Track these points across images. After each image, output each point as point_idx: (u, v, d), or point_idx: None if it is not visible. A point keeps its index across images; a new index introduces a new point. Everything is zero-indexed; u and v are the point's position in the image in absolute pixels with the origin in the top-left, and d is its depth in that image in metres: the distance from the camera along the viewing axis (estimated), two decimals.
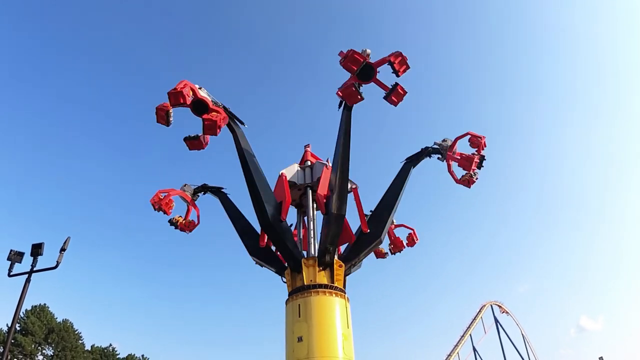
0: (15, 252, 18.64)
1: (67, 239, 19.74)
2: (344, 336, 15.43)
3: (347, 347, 15.30)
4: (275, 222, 17.54)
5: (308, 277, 16.49)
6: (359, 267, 19.77)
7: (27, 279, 18.48)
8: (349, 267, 18.07)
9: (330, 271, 16.92)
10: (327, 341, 15.09)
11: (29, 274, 18.55)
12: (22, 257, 18.62)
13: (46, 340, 68.87)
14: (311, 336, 15.05)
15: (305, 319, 15.51)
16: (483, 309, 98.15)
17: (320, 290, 16.04)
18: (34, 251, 18.72)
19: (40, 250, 18.80)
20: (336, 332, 15.33)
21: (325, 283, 16.40)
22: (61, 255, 19.29)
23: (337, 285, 16.64)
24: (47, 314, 71.17)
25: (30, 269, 18.61)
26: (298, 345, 15.08)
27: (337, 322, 15.63)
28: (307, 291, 16.02)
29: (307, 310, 15.65)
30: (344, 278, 17.33)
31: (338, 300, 16.14)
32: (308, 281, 16.35)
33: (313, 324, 15.32)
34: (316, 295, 15.90)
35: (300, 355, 14.86)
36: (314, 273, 16.59)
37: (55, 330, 69.88)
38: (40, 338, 67.59)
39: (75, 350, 70.70)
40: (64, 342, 69.70)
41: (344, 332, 15.51)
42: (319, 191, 19.43)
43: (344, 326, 15.70)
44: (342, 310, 16.02)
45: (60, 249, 19.38)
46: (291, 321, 15.95)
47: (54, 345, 69.37)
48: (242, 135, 18.71)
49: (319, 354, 14.75)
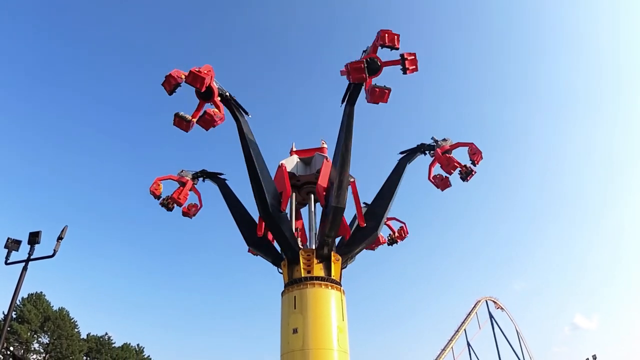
0: (12, 240, 18.63)
1: (65, 228, 19.76)
2: (339, 329, 15.54)
3: (341, 339, 15.42)
4: (275, 213, 17.51)
5: (305, 269, 16.57)
6: (353, 260, 19.88)
7: (24, 267, 18.49)
8: (345, 260, 18.17)
9: (327, 264, 17.02)
10: (322, 333, 15.22)
11: (26, 262, 18.55)
12: (19, 245, 18.61)
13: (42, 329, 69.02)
14: (306, 328, 15.17)
15: (300, 311, 15.62)
16: (478, 304, 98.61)
17: (316, 282, 16.13)
18: (31, 239, 18.72)
19: (38, 238, 18.79)
20: (331, 325, 15.45)
21: (323, 275, 16.49)
22: (58, 243, 19.30)
23: (334, 278, 16.74)
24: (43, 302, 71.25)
25: (27, 257, 18.61)
26: (293, 336, 15.20)
27: (333, 315, 15.74)
28: (304, 283, 16.11)
29: (302, 302, 15.75)
30: (340, 271, 17.45)
31: (334, 293, 16.24)
32: (305, 273, 16.44)
33: (308, 316, 15.44)
34: (312, 287, 16.00)
35: (295, 347, 14.97)
36: (311, 265, 16.68)
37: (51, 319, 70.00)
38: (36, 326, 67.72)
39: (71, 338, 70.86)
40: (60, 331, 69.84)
41: (339, 324, 15.63)
42: (320, 183, 19.41)
43: (339, 319, 15.81)
44: (337, 303, 16.12)
45: (57, 238, 19.39)
46: (287, 313, 16.06)
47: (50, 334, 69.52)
48: (246, 125, 18.66)
49: (314, 346, 14.88)
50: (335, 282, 16.62)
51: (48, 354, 68.79)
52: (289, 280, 16.75)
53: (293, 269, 16.98)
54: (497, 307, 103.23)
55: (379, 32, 15.50)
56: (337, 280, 16.81)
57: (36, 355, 68.44)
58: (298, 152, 22.40)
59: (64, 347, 69.04)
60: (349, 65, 15.53)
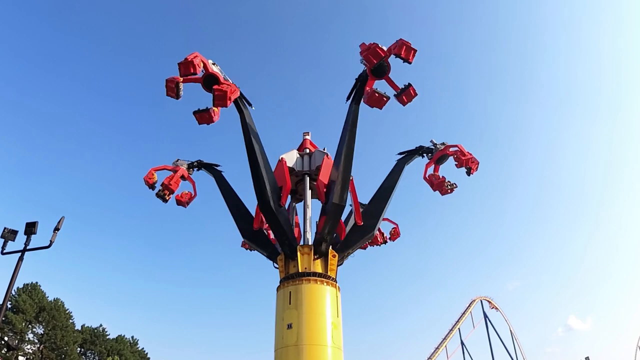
0: (8, 230, 18.58)
1: (62, 219, 19.71)
2: (334, 325, 15.59)
3: (336, 335, 15.47)
4: (275, 206, 17.40)
5: (303, 265, 16.59)
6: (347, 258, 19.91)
7: (20, 257, 18.44)
8: (342, 257, 18.20)
9: (324, 260, 17.06)
10: (317, 329, 15.26)
11: (22, 252, 18.50)
12: (15, 235, 18.57)
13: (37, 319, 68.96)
14: (301, 323, 15.20)
15: (295, 307, 15.64)
16: (473, 303, 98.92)
17: (312, 278, 16.16)
18: (27, 230, 18.67)
19: (34, 229, 18.74)
20: (326, 321, 15.49)
21: (320, 272, 16.52)
22: (55, 234, 19.26)
23: (330, 274, 16.78)
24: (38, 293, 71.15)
25: (23, 248, 18.56)
26: (288, 332, 15.23)
27: (327, 311, 15.78)
28: (299, 279, 16.13)
29: (297, 298, 15.77)
30: (336, 268, 17.48)
31: (329, 289, 16.28)
32: (303, 269, 16.45)
33: (303, 312, 15.46)
34: (307, 283, 16.02)
35: (290, 342, 15.00)
36: (309, 261, 16.70)
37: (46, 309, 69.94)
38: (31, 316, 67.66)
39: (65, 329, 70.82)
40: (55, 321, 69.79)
41: (333, 320, 15.67)
42: (320, 179, 19.34)
43: (333, 315, 15.85)
44: (332, 300, 16.16)
45: (54, 229, 19.35)
46: (281, 308, 16.08)
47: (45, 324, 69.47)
48: (249, 116, 18.57)
49: (308, 342, 14.91)
50: (331, 278, 16.66)
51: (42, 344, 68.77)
52: (286, 275, 16.77)
53: (290, 264, 17.00)
54: (492, 307, 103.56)
55: (399, 41, 15.71)
56: (332, 277, 16.85)
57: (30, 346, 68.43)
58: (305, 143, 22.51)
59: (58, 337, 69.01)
60: (373, 45, 15.74)
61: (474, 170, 20.30)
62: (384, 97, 16.38)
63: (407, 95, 16.41)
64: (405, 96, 16.43)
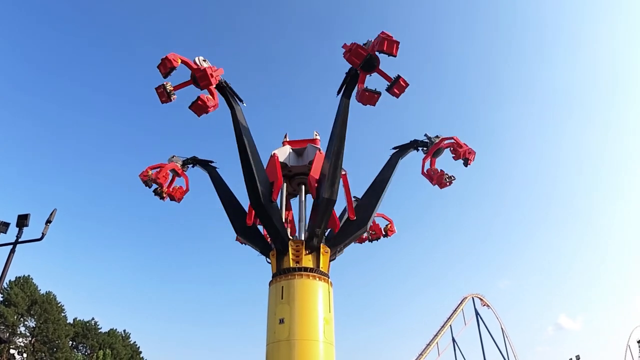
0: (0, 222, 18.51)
1: (54, 211, 19.66)
2: (326, 320, 15.66)
3: (327, 331, 15.54)
4: (266, 202, 17.43)
5: (294, 260, 16.63)
6: (341, 253, 19.97)
7: (11, 250, 18.37)
8: (334, 252, 18.26)
9: (316, 255, 17.07)
10: (309, 324, 15.31)
11: (14, 244, 18.44)
12: (7, 228, 18.50)
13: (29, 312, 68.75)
14: (293, 318, 15.24)
15: (287, 301, 15.68)
16: (464, 300, 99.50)
17: (304, 273, 16.20)
18: (19, 222, 18.59)
19: (26, 221, 18.67)
20: (318, 316, 15.55)
21: (311, 267, 16.58)
22: (47, 227, 19.21)
23: (322, 269, 16.84)
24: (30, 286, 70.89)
25: (15, 240, 18.51)
26: (279, 327, 15.27)
27: (320, 306, 15.83)
28: (292, 274, 16.17)
29: (290, 293, 15.81)
30: (328, 263, 17.54)
31: (321, 285, 16.33)
32: (294, 264, 16.48)
33: (295, 307, 15.50)
34: (300, 278, 16.06)
35: (281, 337, 15.06)
36: (300, 256, 16.74)
37: (39, 302, 69.72)
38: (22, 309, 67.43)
39: (57, 322, 70.65)
40: (47, 315, 69.59)
41: (325, 316, 15.74)
42: (312, 175, 19.37)
43: (325, 310, 15.91)
44: (324, 295, 16.22)
45: (46, 221, 19.30)
46: (274, 303, 16.12)
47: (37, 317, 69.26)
48: (241, 113, 18.60)
49: (300, 337, 14.97)
50: (323, 273, 16.71)
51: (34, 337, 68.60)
52: (277, 271, 16.82)
53: (282, 260, 17.03)
54: (484, 305, 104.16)
55: (379, 35, 15.40)
56: (325, 272, 16.90)
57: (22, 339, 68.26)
58: (291, 142, 22.26)
59: (50, 331, 68.85)
60: (354, 46, 15.64)
61: (471, 161, 20.34)
62: (375, 93, 16.21)
63: (398, 87, 16.14)
64: (397, 88, 16.16)
